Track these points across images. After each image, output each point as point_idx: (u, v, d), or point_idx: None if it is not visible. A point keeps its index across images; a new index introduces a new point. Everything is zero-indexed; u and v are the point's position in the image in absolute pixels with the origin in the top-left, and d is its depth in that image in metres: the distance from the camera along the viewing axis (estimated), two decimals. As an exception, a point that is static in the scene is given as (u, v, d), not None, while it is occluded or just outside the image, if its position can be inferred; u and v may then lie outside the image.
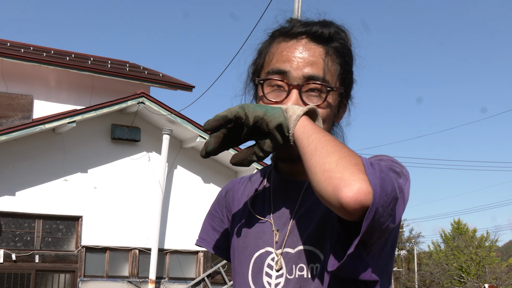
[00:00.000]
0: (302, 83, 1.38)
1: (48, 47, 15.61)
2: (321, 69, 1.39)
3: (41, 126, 13.12)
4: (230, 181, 1.65)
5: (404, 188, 1.28)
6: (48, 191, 13.67)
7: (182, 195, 15.04)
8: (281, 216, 1.44)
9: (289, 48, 1.41)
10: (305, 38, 1.42)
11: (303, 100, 1.37)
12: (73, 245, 14.01)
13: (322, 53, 1.40)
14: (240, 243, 1.49)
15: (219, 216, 1.62)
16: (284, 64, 1.40)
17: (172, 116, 14.19)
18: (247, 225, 1.50)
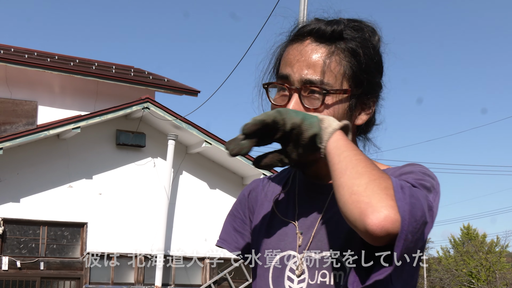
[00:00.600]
0: (301, 86, 1.35)
1: (52, 53, 15.57)
2: (320, 72, 1.35)
3: (45, 132, 13.06)
4: (252, 181, 1.60)
5: (433, 205, 1.25)
6: (53, 198, 13.59)
7: (188, 201, 14.93)
8: (306, 219, 1.42)
9: (292, 50, 1.39)
10: (309, 38, 1.38)
11: (303, 104, 1.35)
12: (78, 252, 13.90)
13: (324, 53, 1.36)
14: (262, 245, 1.47)
15: (241, 217, 1.58)
16: (286, 68, 1.38)
17: (177, 121, 14.10)
18: (270, 226, 1.47)
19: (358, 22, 1.41)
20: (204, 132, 14.32)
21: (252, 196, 1.57)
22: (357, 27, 1.40)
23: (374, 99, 1.42)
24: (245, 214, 1.57)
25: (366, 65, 1.38)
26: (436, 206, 1.27)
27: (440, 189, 1.32)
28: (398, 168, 1.36)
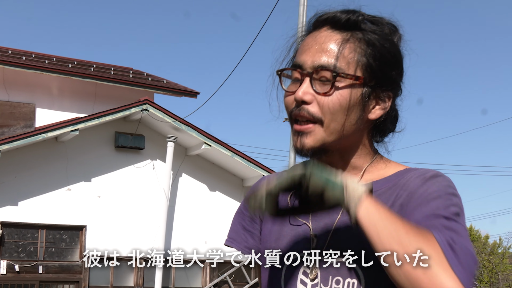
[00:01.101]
0: (312, 70, 1.32)
1: (50, 55, 15.50)
2: (333, 56, 1.31)
3: (43, 135, 12.97)
4: (262, 177, 1.51)
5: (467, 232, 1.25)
6: (51, 201, 13.51)
7: (188, 203, 14.86)
8: (320, 220, 1.38)
9: (308, 39, 1.37)
10: (326, 26, 1.36)
11: (314, 88, 1.31)
12: (77, 255, 13.81)
13: (339, 39, 1.33)
14: (273, 246, 1.42)
15: (250, 215, 1.53)
16: (300, 56, 1.36)
17: (176, 123, 14.02)
18: (282, 226, 1.43)
19: (379, 18, 1.39)
20: (204, 133, 14.24)
21: None
22: (376, 21, 1.37)
23: (390, 94, 1.37)
24: (255, 212, 1.47)
25: (381, 56, 1.34)
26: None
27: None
28: (423, 180, 1.31)
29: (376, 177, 1.38)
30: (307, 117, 1.31)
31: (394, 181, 1.35)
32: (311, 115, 1.31)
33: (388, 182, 1.36)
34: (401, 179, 1.35)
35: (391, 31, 1.38)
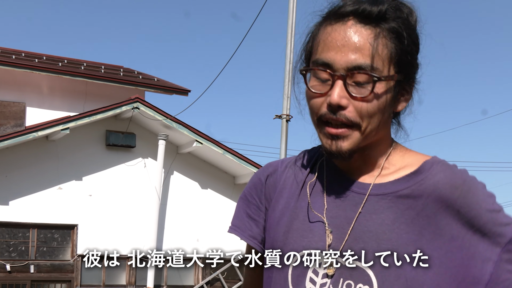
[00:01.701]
0: (346, 73, 1.23)
1: (40, 53, 15.41)
2: (368, 56, 1.23)
3: (34, 134, 12.90)
4: (267, 164, 1.46)
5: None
6: (42, 200, 13.45)
7: (179, 201, 14.83)
8: (336, 217, 1.30)
9: (333, 33, 1.26)
10: (352, 19, 1.25)
11: (349, 92, 1.23)
12: (68, 254, 13.77)
13: (371, 36, 1.24)
14: (281, 238, 1.34)
15: (256, 203, 1.43)
16: (328, 53, 1.25)
17: (167, 121, 13.98)
18: (292, 219, 1.34)
19: (397, 1, 1.30)
20: (195, 131, 14.21)
21: (270, 182, 1.42)
22: (396, 6, 1.29)
23: (412, 84, 1.33)
24: (261, 201, 1.43)
25: (408, 47, 1.28)
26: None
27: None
28: (460, 194, 1.27)
29: (395, 173, 1.32)
30: (345, 122, 1.25)
31: (417, 180, 1.29)
32: (349, 120, 1.24)
33: (408, 182, 1.29)
34: (424, 179, 1.28)
35: (409, 14, 1.31)
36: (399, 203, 1.27)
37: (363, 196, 1.29)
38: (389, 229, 1.25)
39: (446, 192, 1.25)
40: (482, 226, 1.24)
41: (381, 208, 1.27)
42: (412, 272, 1.23)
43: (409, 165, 1.32)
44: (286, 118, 9.92)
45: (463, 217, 1.24)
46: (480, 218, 1.24)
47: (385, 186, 1.30)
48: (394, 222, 1.25)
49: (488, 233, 1.24)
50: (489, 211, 1.25)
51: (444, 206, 1.25)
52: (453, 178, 1.27)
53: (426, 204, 1.26)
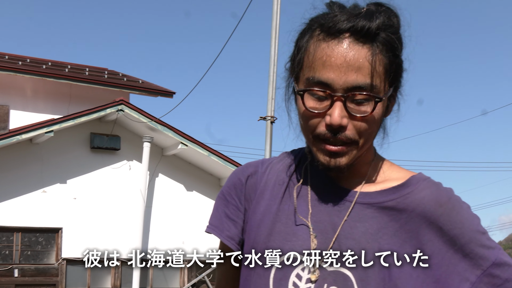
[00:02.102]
0: (346, 93, 1.22)
1: (24, 56, 15.31)
2: (368, 75, 1.21)
3: (17, 137, 12.80)
4: (247, 164, 1.43)
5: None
6: (27, 203, 13.34)
7: (165, 204, 14.78)
8: (320, 222, 1.29)
9: (330, 51, 1.22)
10: (348, 37, 1.22)
11: (349, 112, 1.22)
12: (53, 258, 13.68)
13: (368, 53, 1.22)
14: (263, 240, 1.31)
15: (235, 204, 1.40)
16: (326, 73, 1.22)
17: (152, 123, 13.94)
18: (274, 221, 1.32)
19: (380, 6, 1.27)
20: (180, 133, 14.18)
21: (250, 183, 1.39)
22: (388, 16, 1.26)
23: (399, 90, 1.33)
24: (241, 201, 1.40)
25: (399, 59, 1.27)
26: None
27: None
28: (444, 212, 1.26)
29: (381, 183, 1.33)
30: (345, 141, 1.24)
31: (403, 193, 1.29)
32: (349, 139, 1.24)
33: (393, 194, 1.30)
34: (410, 194, 1.29)
35: (394, 17, 1.28)
36: (384, 214, 1.27)
37: (349, 203, 1.29)
38: (372, 239, 1.26)
39: (430, 208, 1.26)
40: (464, 245, 1.24)
41: (366, 217, 1.27)
42: (391, 282, 1.24)
43: (395, 178, 1.32)
44: (270, 120, 9.93)
45: (445, 235, 1.25)
46: (462, 237, 1.24)
47: (370, 195, 1.30)
48: (377, 232, 1.26)
49: (469, 254, 1.24)
50: (473, 232, 1.25)
51: (427, 222, 1.25)
52: (438, 196, 1.27)
53: (409, 218, 1.26)
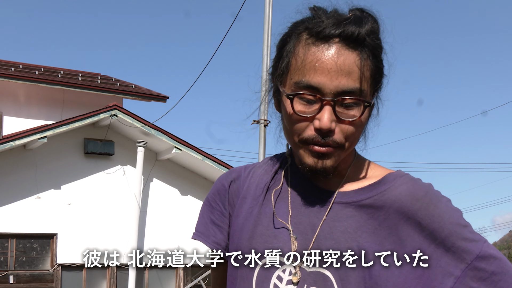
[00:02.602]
0: (336, 98, 1.22)
1: (16, 62, 15.29)
2: (357, 80, 1.23)
3: (11, 143, 12.77)
4: (231, 170, 1.46)
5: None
6: (21, 210, 13.31)
7: (159, 208, 14.77)
8: (300, 224, 1.30)
9: (320, 55, 1.23)
10: (338, 42, 1.23)
11: (338, 116, 1.23)
12: (48, 264, 13.65)
13: (357, 58, 1.23)
14: (245, 244, 1.33)
15: (220, 209, 1.43)
16: (316, 77, 1.22)
17: (146, 128, 13.93)
18: (256, 224, 1.33)
19: (364, 11, 1.29)
20: (174, 138, 14.17)
21: (233, 188, 1.42)
22: (369, 18, 1.28)
23: (378, 94, 1.34)
24: (225, 207, 1.43)
25: (382, 65, 1.30)
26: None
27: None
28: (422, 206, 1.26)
29: (359, 182, 1.33)
30: (332, 145, 1.25)
31: (379, 190, 1.29)
32: (336, 143, 1.25)
33: (370, 192, 1.30)
34: (387, 190, 1.29)
35: (377, 24, 1.30)
36: (362, 213, 1.28)
37: (328, 203, 1.30)
38: (351, 238, 1.26)
39: (407, 203, 1.25)
40: (445, 239, 1.23)
41: (345, 216, 1.28)
42: (372, 280, 1.24)
43: (373, 177, 1.33)
44: (263, 123, 9.95)
45: (425, 229, 1.24)
46: (442, 230, 1.23)
47: (348, 194, 1.31)
48: (356, 231, 1.26)
49: (452, 247, 1.23)
50: (453, 225, 1.24)
51: (405, 217, 1.25)
52: (414, 191, 1.27)
53: (387, 215, 1.26)
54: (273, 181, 1.38)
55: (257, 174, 1.41)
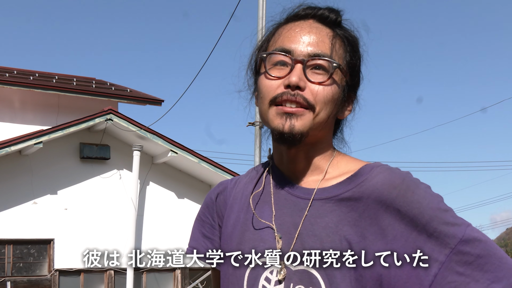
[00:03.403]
0: (308, 58, 1.30)
1: (11, 67, 15.29)
2: (328, 48, 1.32)
3: (6, 149, 12.75)
4: (219, 183, 1.50)
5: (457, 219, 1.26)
6: (17, 215, 13.29)
7: (156, 212, 14.76)
8: (283, 224, 1.33)
9: (294, 27, 1.35)
10: (310, 19, 1.36)
11: (307, 76, 1.29)
12: (45, 269, 13.63)
13: (330, 34, 1.34)
14: (235, 250, 1.37)
15: (210, 222, 1.49)
16: (289, 42, 1.33)
17: (141, 132, 13.93)
18: (243, 231, 1.38)
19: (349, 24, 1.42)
20: (169, 141, 14.17)
21: (220, 200, 1.48)
22: (349, 26, 1.41)
23: (354, 96, 1.40)
24: (214, 219, 1.48)
25: (358, 57, 1.38)
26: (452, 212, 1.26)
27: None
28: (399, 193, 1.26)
29: (338, 177, 1.34)
30: (301, 103, 1.29)
31: (357, 182, 1.31)
32: (306, 100, 1.29)
33: (349, 185, 1.31)
34: (364, 181, 1.30)
35: (357, 35, 1.40)
36: (342, 206, 1.29)
37: (308, 201, 1.32)
38: (333, 232, 1.27)
39: (384, 192, 1.26)
40: (426, 224, 1.22)
41: (325, 211, 1.29)
42: (357, 272, 1.24)
43: (351, 170, 1.34)
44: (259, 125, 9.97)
45: (405, 217, 1.23)
46: (422, 216, 1.22)
47: (328, 190, 1.32)
48: (337, 225, 1.27)
49: (434, 233, 1.22)
50: (433, 209, 1.23)
51: (384, 206, 1.25)
52: (391, 179, 1.28)
53: (367, 206, 1.27)
54: (257, 187, 1.42)
55: (243, 183, 1.46)
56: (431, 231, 1.22)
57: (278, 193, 1.37)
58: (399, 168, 1.32)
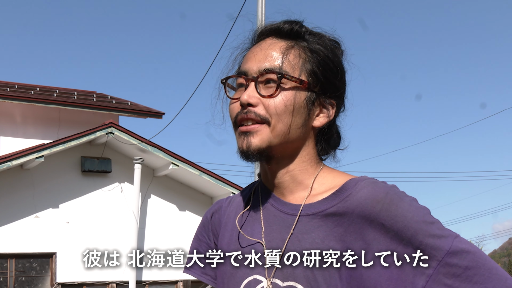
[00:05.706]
0: (257, 75, 1.33)
1: (12, 82, 15.33)
2: (278, 60, 1.34)
3: (8, 163, 12.78)
4: (215, 202, 1.55)
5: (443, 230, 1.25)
6: (19, 229, 13.29)
7: (158, 225, 14.75)
8: (272, 240, 1.35)
9: (252, 50, 1.39)
10: (271, 38, 1.39)
11: (259, 92, 1.32)
12: (48, 283, 13.61)
13: (283, 46, 1.36)
14: (229, 269, 1.41)
15: (206, 241, 1.55)
16: (245, 63, 1.38)
17: (142, 145, 13.96)
18: (236, 249, 1.41)
19: (320, 33, 1.41)
20: (171, 154, 14.19)
21: (215, 219, 1.52)
22: (318, 34, 1.40)
23: (333, 102, 1.39)
24: (210, 238, 1.53)
25: (325, 63, 1.36)
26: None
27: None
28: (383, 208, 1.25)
29: (324, 193, 1.35)
30: (254, 119, 1.31)
31: (342, 197, 1.31)
32: (258, 116, 1.31)
33: (334, 200, 1.32)
34: (349, 196, 1.30)
35: (333, 45, 1.40)
36: (328, 221, 1.30)
37: (295, 217, 1.33)
38: (319, 248, 1.29)
39: (367, 206, 1.26)
40: (411, 238, 1.22)
41: (312, 227, 1.31)
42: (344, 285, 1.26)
43: (337, 185, 1.35)
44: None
45: (389, 231, 1.23)
46: (407, 230, 1.22)
47: (314, 205, 1.33)
48: (323, 240, 1.29)
49: (420, 246, 1.21)
50: (418, 222, 1.22)
51: (368, 221, 1.25)
52: (375, 193, 1.27)
53: (352, 220, 1.27)
54: (246, 205, 1.45)
55: (236, 201, 1.49)
56: (417, 244, 1.21)
57: (267, 210, 1.40)
58: (386, 181, 1.31)
